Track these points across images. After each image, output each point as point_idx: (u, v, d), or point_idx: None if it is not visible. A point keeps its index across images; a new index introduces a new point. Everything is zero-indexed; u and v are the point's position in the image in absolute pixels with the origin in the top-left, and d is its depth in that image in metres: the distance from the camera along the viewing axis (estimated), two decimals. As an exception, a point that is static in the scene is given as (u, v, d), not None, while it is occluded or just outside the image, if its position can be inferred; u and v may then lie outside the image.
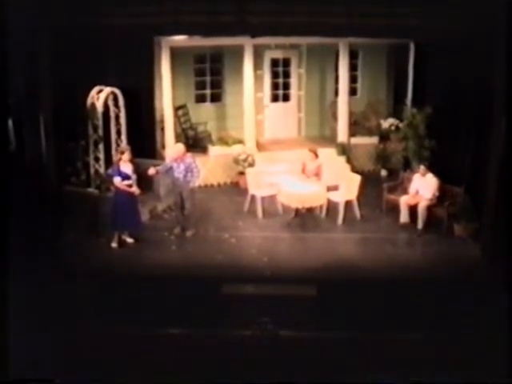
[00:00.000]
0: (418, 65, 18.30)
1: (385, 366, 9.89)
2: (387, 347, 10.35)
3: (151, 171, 13.99)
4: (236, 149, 17.94)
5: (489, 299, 10.83)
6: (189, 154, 14.33)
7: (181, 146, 14.35)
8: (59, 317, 10.78)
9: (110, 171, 14.30)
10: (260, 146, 18.63)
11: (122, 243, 13.91)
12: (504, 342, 9.77)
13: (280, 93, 19.81)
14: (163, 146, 17.81)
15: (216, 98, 19.10)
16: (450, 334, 10.56)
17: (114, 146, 15.94)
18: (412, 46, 18.50)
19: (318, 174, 15.10)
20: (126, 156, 13.54)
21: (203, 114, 18.75)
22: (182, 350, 10.35)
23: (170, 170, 14.18)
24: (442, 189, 14.77)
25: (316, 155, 15.31)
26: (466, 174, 14.82)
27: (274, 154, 18.28)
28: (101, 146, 15.41)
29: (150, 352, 10.26)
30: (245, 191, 16.03)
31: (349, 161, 18.58)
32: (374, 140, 19.13)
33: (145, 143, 16.65)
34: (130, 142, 15.65)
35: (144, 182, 14.46)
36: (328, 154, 17.88)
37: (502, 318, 10.08)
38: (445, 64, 15.61)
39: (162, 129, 17.74)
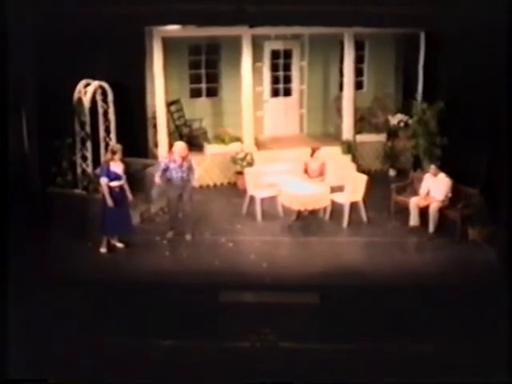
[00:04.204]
0: (429, 56, 18.31)
1: (393, 379, 9.90)
2: (395, 359, 10.34)
3: (157, 180, 14.17)
4: (234, 147, 17.96)
5: (504, 307, 10.81)
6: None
7: (184, 145, 14.35)
8: (47, 325, 10.84)
9: (98, 170, 14.30)
10: (259, 144, 18.64)
11: (111, 248, 13.91)
12: (504, 342, 9.86)
13: (281, 87, 19.85)
14: (155, 145, 17.84)
15: (212, 92, 19.14)
16: (463, 343, 10.56)
17: (102, 144, 15.94)
18: (423, 36, 18.51)
19: (322, 174, 15.14)
20: (118, 156, 13.54)
21: (198, 110, 18.79)
22: (175, 362, 10.34)
23: (167, 170, 14.19)
24: (454, 189, 14.77)
25: (319, 153, 15.31)
26: (481, 173, 14.81)
27: (275, 153, 18.28)
28: (88, 144, 15.39)
29: (140, 365, 10.24)
30: (243, 192, 16.05)
31: (354, 160, 18.59)
32: (382, 137, 19.16)
33: (136, 141, 16.66)
34: (119, 139, 15.65)
35: (134, 182, 14.47)
36: (332, 152, 17.89)
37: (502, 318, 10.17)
38: (458, 55, 15.54)
39: (154, 126, 17.78)
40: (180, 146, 14.31)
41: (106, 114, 15.99)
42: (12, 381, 9.56)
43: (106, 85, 15.76)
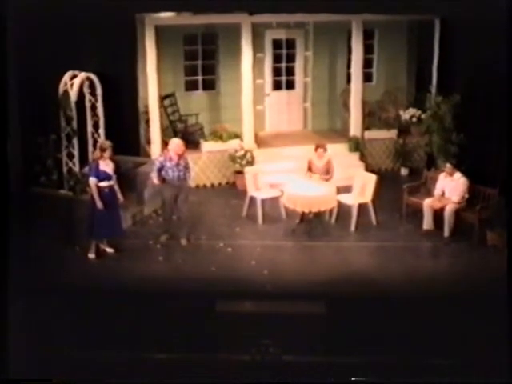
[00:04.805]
0: (445, 45, 18.29)
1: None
2: (407, 373, 10.32)
3: (156, 181, 14.14)
4: (232, 144, 17.96)
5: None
6: None
7: (180, 142, 14.32)
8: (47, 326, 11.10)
9: (86, 169, 14.27)
10: (260, 141, 18.64)
11: (100, 253, 13.86)
12: (504, 342, 9.95)
13: (283, 79, 19.87)
14: (148, 142, 17.82)
15: (209, 85, 19.16)
16: (469, 348, 10.61)
17: (90, 140, 15.93)
18: (437, 24, 18.55)
19: (328, 172, 15.04)
20: (107, 153, 13.48)
21: (194, 104, 18.81)
22: (170, 376, 10.32)
23: (162, 169, 14.16)
24: (472, 190, 14.75)
25: (325, 150, 15.22)
26: (500, 172, 14.75)
27: (276, 151, 18.32)
28: (75, 141, 15.39)
29: (133, 380, 10.26)
30: (243, 193, 16.06)
31: (363, 158, 18.62)
32: (393, 134, 19.18)
33: (126, 138, 16.63)
34: (108, 136, 15.65)
35: (125, 182, 14.45)
36: (339, 150, 17.88)
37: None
38: (476, 44, 15.54)
39: (147, 121, 17.76)
40: (176, 142, 14.29)
41: (94, 108, 15.99)
42: (12, 381, 9.82)
43: (94, 77, 15.76)
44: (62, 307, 11.65)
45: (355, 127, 18.90)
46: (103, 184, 13.35)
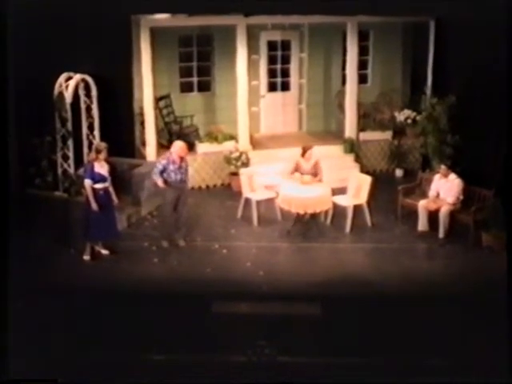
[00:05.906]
0: (440, 47, 18.30)
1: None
2: (402, 374, 10.35)
3: (161, 184, 14.00)
4: (227, 146, 17.99)
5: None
6: None
7: (184, 145, 14.24)
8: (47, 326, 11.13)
9: (81, 171, 14.27)
10: (255, 143, 18.66)
11: (95, 255, 13.87)
12: (504, 342, 9.99)
13: (278, 81, 19.89)
14: (143, 143, 17.81)
15: (204, 86, 19.17)
16: (468, 349, 10.64)
17: (85, 142, 15.94)
18: (432, 25, 18.56)
19: (316, 174, 15.00)
20: (103, 155, 13.48)
21: (189, 106, 18.82)
22: (167, 377, 10.33)
23: (164, 171, 14.11)
24: (467, 191, 14.79)
25: (311, 153, 15.14)
26: (495, 173, 14.79)
27: (271, 152, 18.32)
28: (70, 143, 15.39)
29: (130, 381, 10.27)
30: (238, 194, 16.08)
31: (358, 159, 18.63)
32: (387, 135, 19.21)
33: (121, 139, 16.60)
34: (103, 137, 15.63)
35: (120, 184, 14.45)
36: (334, 151, 17.93)
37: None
38: (471, 46, 15.58)
39: (142, 123, 17.75)
40: (180, 145, 14.24)
41: (89, 109, 15.99)
42: (12, 381, 9.87)
43: (89, 78, 15.77)
44: (60, 308, 11.67)
45: (350, 129, 18.92)
46: (98, 186, 13.35)
